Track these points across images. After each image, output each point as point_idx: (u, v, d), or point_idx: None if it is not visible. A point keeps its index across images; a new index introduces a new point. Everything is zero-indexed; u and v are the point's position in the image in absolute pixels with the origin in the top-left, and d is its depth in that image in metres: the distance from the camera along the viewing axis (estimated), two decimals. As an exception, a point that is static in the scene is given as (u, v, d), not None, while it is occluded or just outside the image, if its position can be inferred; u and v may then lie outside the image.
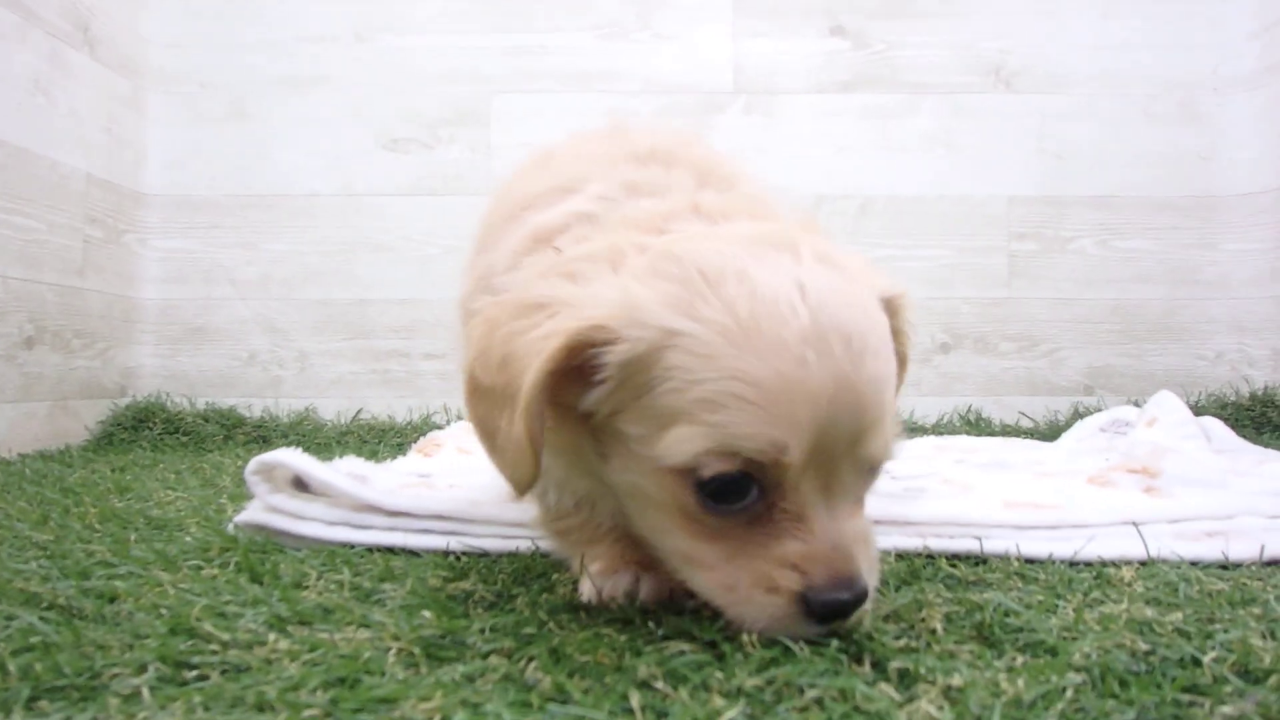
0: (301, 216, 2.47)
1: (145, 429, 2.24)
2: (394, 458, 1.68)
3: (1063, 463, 1.42)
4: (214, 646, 0.60)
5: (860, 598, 0.58)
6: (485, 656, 0.60)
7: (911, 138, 2.53)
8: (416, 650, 0.60)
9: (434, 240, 2.47)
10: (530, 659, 0.59)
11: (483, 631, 0.65)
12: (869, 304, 0.61)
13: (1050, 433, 2.27)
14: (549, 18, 2.50)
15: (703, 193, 0.72)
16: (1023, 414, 2.48)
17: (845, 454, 0.57)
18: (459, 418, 2.34)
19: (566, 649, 0.60)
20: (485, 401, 0.61)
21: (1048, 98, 2.52)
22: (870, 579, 0.59)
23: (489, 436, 0.61)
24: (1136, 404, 2.14)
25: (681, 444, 0.56)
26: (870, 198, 2.52)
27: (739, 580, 0.58)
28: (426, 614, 0.68)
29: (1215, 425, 1.70)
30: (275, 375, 2.48)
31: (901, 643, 0.62)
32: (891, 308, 0.66)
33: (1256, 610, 0.71)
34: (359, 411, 2.43)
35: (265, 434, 2.31)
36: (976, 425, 2.41)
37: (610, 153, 0.77)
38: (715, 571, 0.59)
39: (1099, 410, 2.25)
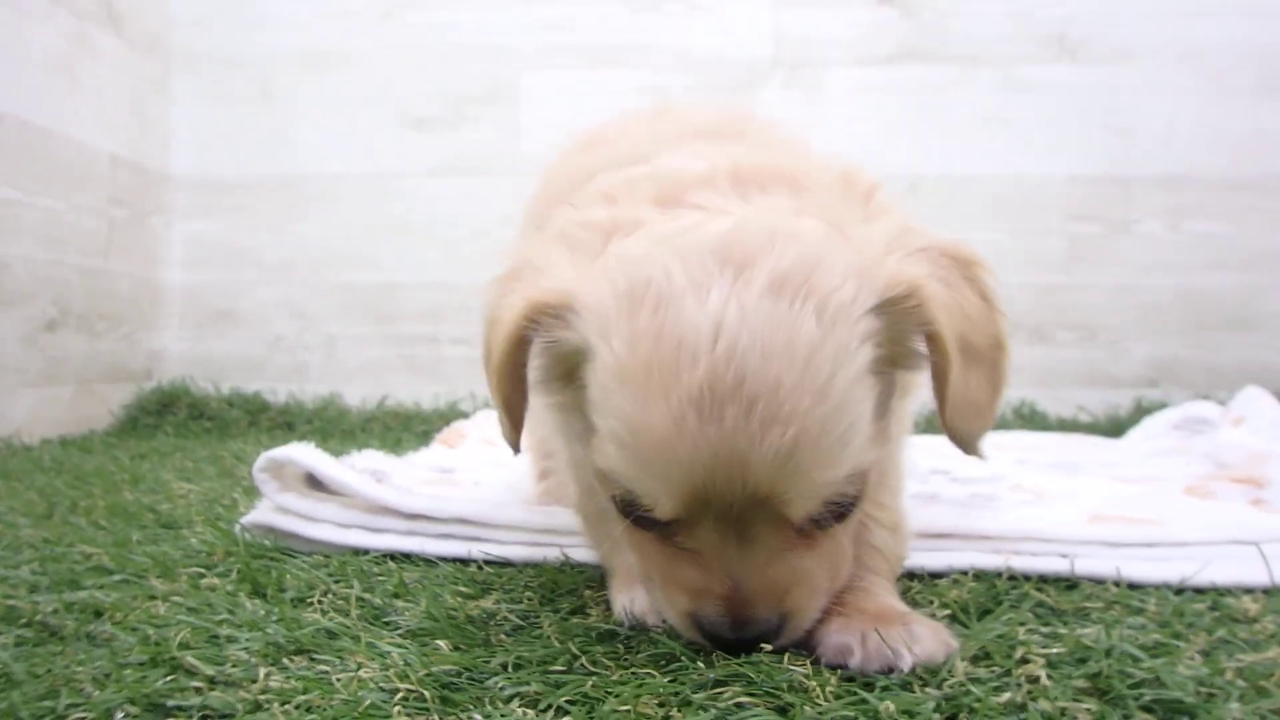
0: (326, 198, 2.40)
1: (170, 414, 2.21)
2: (417, 448, 1.61)
3: (1140, 465, 1.29)
4: (196, 683, 0.52)
5: (755, 638, 0.56)
6: (507, 701, 0.51)
7: (964, 113, 2.37)
8: (428, 693, 0.51)
9: (461, 223, 2.39)
10: (558, 709, 0.50)
11: (505, 668, 0.56)
12: (815, 348, 0.52)
13: (1111, 428, 2.13)
14: (578, -11, 2.39)
15: (750, 154, 0.65)
16: (1081, 408, 2.33)
17: (751, 512, 0.53)
18: (485, 405, 2.27)
19: (601, 696, 0.51)
20: (486, 365, 0.62)
21: (1113, 69, 2.34)
22: (793, 620, 0.57)
23: (494, 400, 0.63)
24: (1209, 399, 1.98)
25: (597, 454, 0.56)
26: (919, 177, 2.38)
27: (653, 576, 0.59)
28: (441, 644, 0.59)
29: (1306, 425, 1.55)
30: (301, 360, 2.42)
31: (1004, 698, 0.51)
32: (896, 306, 0.56)
33: None
34: (384, 398, 2.37)
35: (290, 420, 2.26)
36: (1030, 419, 2.27)
37: (671, 130, 0.72)
38: (642, 561, 0.60)
39: (1163, 404, 2.11)
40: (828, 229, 0.58)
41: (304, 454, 0.96)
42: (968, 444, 0.60)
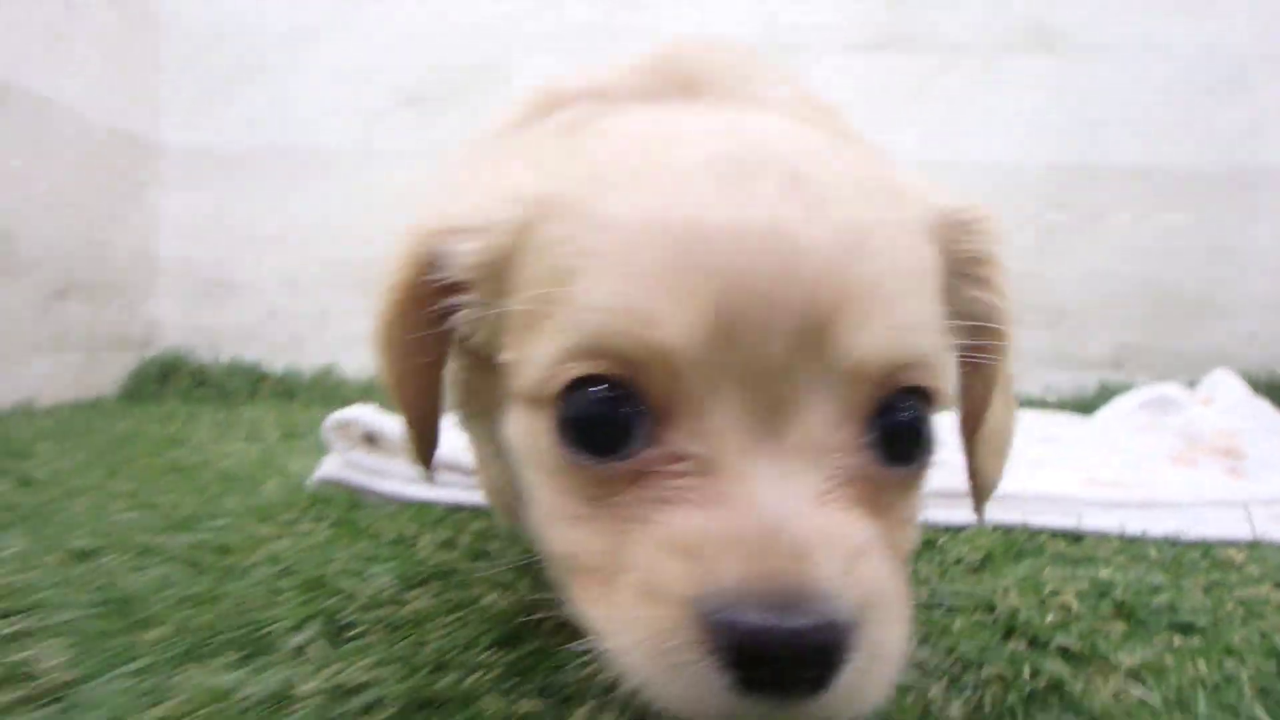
0: (320, 172, 2.41)
1: (172, 382, 2.21)
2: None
3: (1121, 440, 1.41)
4: (360, 602, 0.59)
5: (809, 633, 0.29)
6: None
7: (946, 101, 2.47)
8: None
9: (455, 198, 2.42)
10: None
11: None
12: (882, 185, 0.38)
13: (1079, 406, 2.27)
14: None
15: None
16: (1048, 388, 2.47)
17: (797, 350, 0.33)
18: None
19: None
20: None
21: (1088, 62, 2.46)
22: (859, 610, 0.31)
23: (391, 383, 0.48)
24: (1176, 382, 2.12)
25: (535, 355, 0.36)
26: (901, 162, 2.47)
27: (614, 590, 0.33)
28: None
29: (1264, 407, 1.69)
30: (295, 331, 2.44)
31: (1050, 619, 0.61)
32: (950, 234, 0.41)
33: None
34: (382, 369, 2.40)
35: (290, 389, 2.28)
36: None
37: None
38: (590, 577, 0.35)
39: (1127, 385, 2.25)
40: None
41: (367, 415, 1.02)
42: (988, 490, 0.45)
